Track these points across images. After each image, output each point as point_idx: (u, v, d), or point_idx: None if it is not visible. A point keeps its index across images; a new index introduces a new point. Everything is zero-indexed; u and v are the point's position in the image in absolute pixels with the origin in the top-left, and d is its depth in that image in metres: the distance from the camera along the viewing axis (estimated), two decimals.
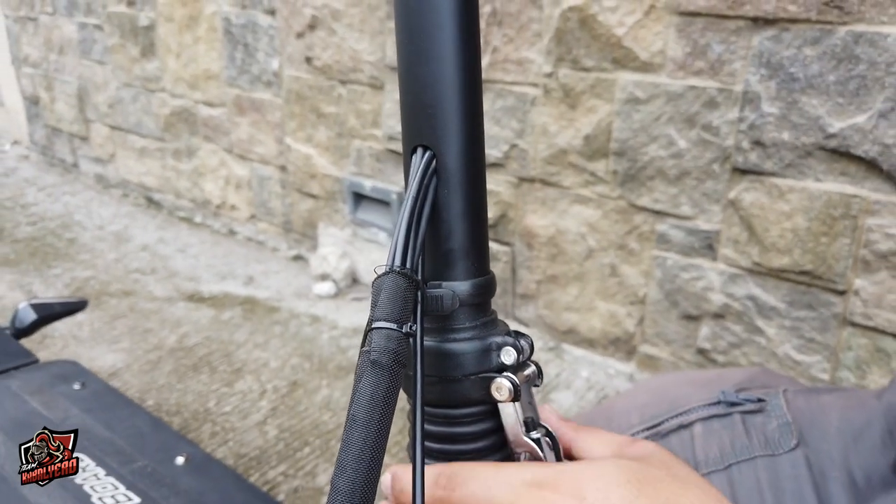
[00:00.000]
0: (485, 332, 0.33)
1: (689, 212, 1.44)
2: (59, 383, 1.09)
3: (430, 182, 0.31)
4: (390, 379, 0.26)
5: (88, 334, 1.88)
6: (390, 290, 0.28)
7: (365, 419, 0.25)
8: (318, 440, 1.47)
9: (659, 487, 0.28)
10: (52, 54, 2.98)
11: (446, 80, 0.32)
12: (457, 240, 0.33)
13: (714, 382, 0.55)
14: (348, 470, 0.25)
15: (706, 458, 0.49)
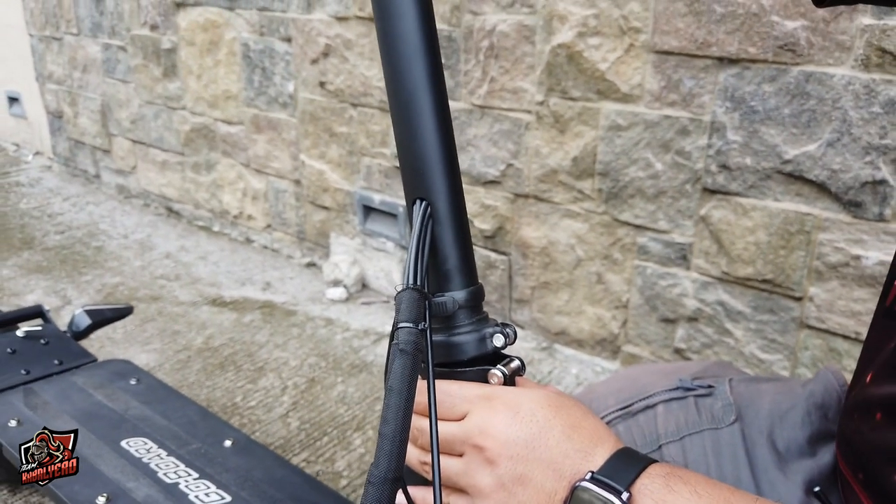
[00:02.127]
0: (480, 326, 0.46)
1: (665, 226, 1.61)
2: (117, 379, 1.26)
3: (428, 224, 0.45)
4: (413, 360, 0.39)
5: (122, 336, 2.05)
6: (407, 301, 0.41)
7: (398, 387, 0.39)
8: (335, 431, 1.64)
9: (571, 412, 0.44)
10: (76, 72, 3.16)
11: (430, 149, 0.45)
12: (451, 262, 0.46)
13: (675, 372, 0.67)
14: (391, 421, 0.38)
15: (666, 431, 0.61)
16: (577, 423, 0.43)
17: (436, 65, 0.46)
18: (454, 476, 0.45)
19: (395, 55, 0.45)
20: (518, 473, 0.42)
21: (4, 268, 2.52)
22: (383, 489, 0.39)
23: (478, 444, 0.43)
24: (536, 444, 0.42)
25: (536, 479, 0.42)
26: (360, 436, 1.62)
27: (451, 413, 0.45)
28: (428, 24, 0.46)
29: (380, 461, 0.39)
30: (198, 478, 0.98)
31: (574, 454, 0.42)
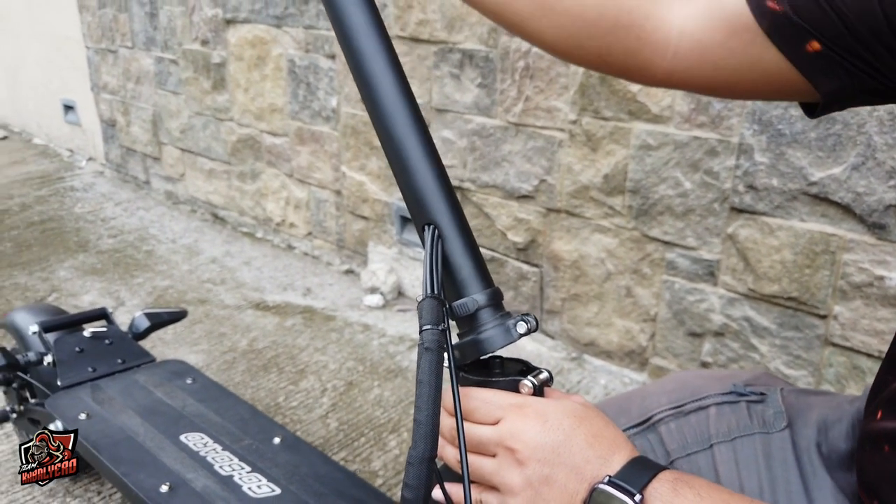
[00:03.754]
0: (503, 320, 0.52)
1: (693, 243, 1.66)
2: (174, 378, 1.36)
3: (438, 243, 0.52)
4: (437, 356, 0.47)
5: (172, 337, 2.17)
6: (427, 307, 0.49)
7: (427, 379, 0.46)
8: (371, 432, 1.72)
9: (593, 422, 0.50)
10: (129, 83, 3.32)
11: (427, 182, 0.53)
12: (465, 271, 0.53)
13: (727, 378, 0.70)
14: (423, 409, 0.46)
15: (717, 431, 0.64)
16: (598, 433, 0.49)
17: (414, 109, 0.55)
18: (487, 474, 0.51)
19: (381, 113, 0.54)
20: (544, 475, 0.48)
21: (62, 269, 2.67)
22: (422, 467, 0.47)
23: (510, 446, 0.49)
24: (562, 450, 0.48)
25: (560, 481, 0.47)
26: (395, 438, 1.70)
27: (486, 418, 0.51)
28: (400, 76, 0.55)
29: (417, 443, 0.47)
30: (250, 471, 1.07)
31: (594, 460, 0.48)
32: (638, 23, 0.58)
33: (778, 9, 0.53)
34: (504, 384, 0.53)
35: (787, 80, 0.55)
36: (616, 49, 0.60)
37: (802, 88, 0.55)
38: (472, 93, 1.98)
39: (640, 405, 0.69)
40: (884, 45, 0.50)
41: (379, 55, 0.55)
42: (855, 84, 0.53)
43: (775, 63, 0.54)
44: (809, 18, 0.52)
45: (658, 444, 0.66)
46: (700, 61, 0.57)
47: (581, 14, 0.59)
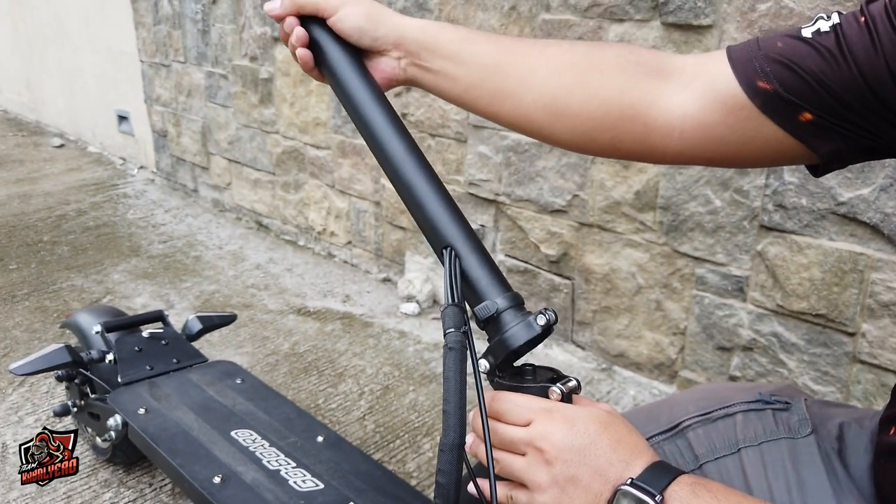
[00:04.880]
0: (524, 317, 0.57)
1: (723, 259, 1.70)
2: (225, 378, 1.46)
3: (456, 262, 0.60)
4: (460, 354, 0.54)
5: (218, 339, 2.28)
6: (449, 314, 0.56)
7: (452, 375, 0.53)
8: (407, 435, 1.80)
9: (617, 428, 0.54)
10: (181, 96, 3.48)
11: (438, 211, 0.61)
12: (483, 281, 0.59)
13: (753, 389, 0.73)
14: (451, 401, 0.53)
15: (744, 437, 0.67)
16: (621, 438, 0.53)
17: (415, 151, 0.65)
18: (517, 471, 0.55)
19: (387, 161, 0.64)
20: (570, 474, 0.52)
21: (115, 273, 2.81)
22: (453, 454, 0.53)
23: (539, 446, 0.53)
24: (587, 453, 0.52)
25: (585, 481, 0.52)
26: (429, 441, 1.77)
27: (517, 419, 0.56)
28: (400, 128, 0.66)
29: (447, 432, 0.54)
30: (296, 466, 1.15)
31: (618, 463, 0.52)
32: (642, 112, 0.63)
33: (768, 87, 0.57)
34: (535, 390, 0.58)
35: (786, 147, 0.59)
36: (626, 138, 0.65)
37: (803, 153, 0.60)
38: None
39: (669, 413, 0.73)
40: (872, 111, 0.55)
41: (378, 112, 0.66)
42: (850, 146, 0.57)
43: (773, 133, 0.59)
44: (798, 93, 0.56)
45: (687, 449, 0.69)
46: (705, 139, 0.62)
47: (588, 114, 0.65)
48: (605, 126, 0.65)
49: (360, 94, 0.67)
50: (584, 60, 0.66)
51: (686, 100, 0.62)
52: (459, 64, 0.68)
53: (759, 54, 0.58)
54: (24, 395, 1.96)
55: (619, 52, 0.67)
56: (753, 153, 0.61)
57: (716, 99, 0.60)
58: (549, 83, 0.66)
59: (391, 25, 0.69)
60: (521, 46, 0.69)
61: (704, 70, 0.62)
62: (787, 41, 0.58)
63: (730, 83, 0.59)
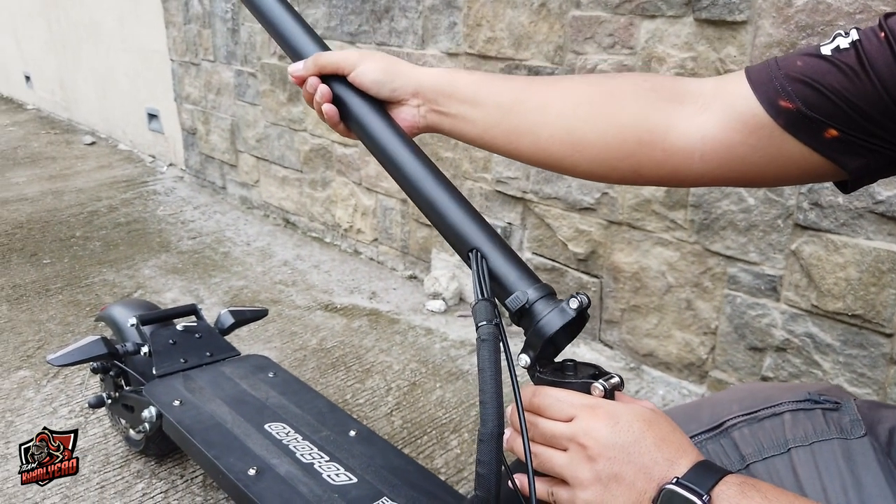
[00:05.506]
0: (556, 304, 0.58)
1: (756, 258, 1.68)
2: (258, 372, 1.47)
3: (483, 262, 0.62)
4: (494, 345, 0.55)
5: (247, 334, 2.31)
6: (480, 308, 0.57)
7: (487, 366, 0.54)
8: (434, 431, 1.80)
9: (661, 426, 0.53)
10: (210, 94, 3.52)
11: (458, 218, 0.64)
12: (511, 276, 0.61)
13: (799, 388, 0.72)
14: (487, 391, 0.54)
15: (794, 437, 0.65)
16: (666, 437, 0.53)
17: (428, 164, 0.68)
18: (558, 466, 0.55)
19: (405, 179, 0.68)
20: (614, 472, 0.52)
21: (146, 268, 2.86)
22: (492, 443, 0.54)
23: (582, 443, 0.53)
24: (631, 451, 0.52)
25: (629, 479, 0.51)
26: (456, 437, 1.78)
27: (560, 415, 0.56)
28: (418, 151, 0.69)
29: (486, 422, 0.54)
30: (329, 460, 1.16)
31: (662, 462, 0.51)
32: (661, 137, 0.64)
33: (791, 106, 0.57)
34: (577, 385, 0.58)
35: (813, 164, 0.59)
36: (646, 164, 0.65)
37: (830, 169, 0.59)
38: None
39: (711, 412, 0.72)
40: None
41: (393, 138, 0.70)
42: (879, 159, 0.57)
43: (799, 151, 0.59)
44: (822, 111, 0.56)
45: (732, 449, 0.68)
46: (727, 159, 0.62)
47: (606, 143, 0.66)
48: (624, 154, 0.65)
49: (384, 133, 0.70)
50: (599, 92, 0.68)
51: (705, 122, 0.62)
52: (476, 106, 0.70)
53: (778, 73, 0.58)
54: (59, 387, 2.00)
55: (636, 80, 0.68)
56: (779, 172, 0.61)
57: (736, 119, 0.60)
58: (564, 117, 0.67)
59: (408, 76, 0.71)
60: (535, 84, 0.71)
61: (723, 91, 0.62)
62: (806, 60, 0.57)
63: (750, 103, 0.59)
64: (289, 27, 0.77)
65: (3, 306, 2.50)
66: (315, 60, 0.72)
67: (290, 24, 0.77)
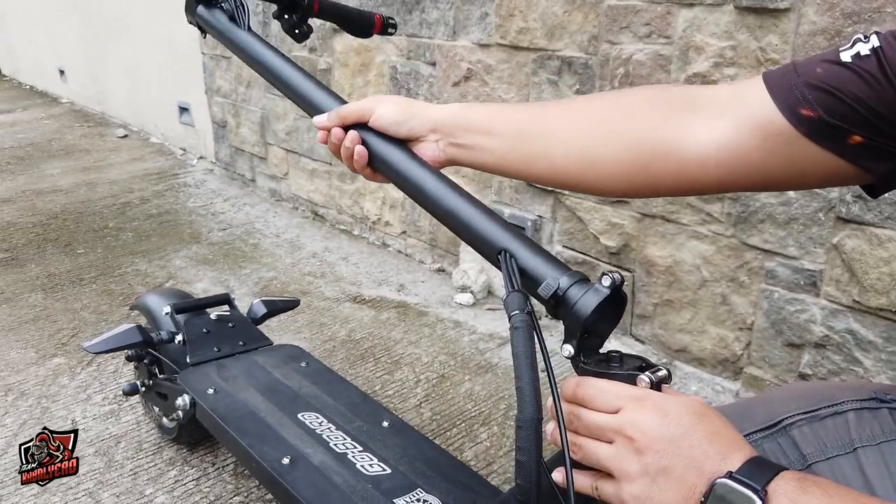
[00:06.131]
0: (589, 286, 0.58)
1: (795, 253, 1.64)
2: (290, 361, 1.48)
3: (512, 260, 0.62)
4: (527, 333, 0.54)
5: (276, 324, 2.32)
6: (513, 298, 0.57)
7: (522, 352, 0.54)
8: (463, 423, 1.80)
9: (712, 420, 0.52)
10: (240, 87, 3.55)
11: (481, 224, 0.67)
12: (541, 267, 0.61)
13: (862, 387, 0.70)
14: (524, 376, 0.53)
15: (860, 437, 0.64)
16: (717, 431, 0.51)
17: (448, 181, 0.71)
18: (604, 459, 0.54)
19: (425, 198, 0.71)
20: (662, 465, 0.50)
21: (177, 258, 2.89)
22: (531, 428, 0.53)
23: (629, 435, 0.52)
24: (681, 444, 0.50)
25: (678, 473, 0.49)
26: (486, 430, 1.77)
27: (605, 406, 0.54)
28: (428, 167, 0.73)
29: (524, 407, 0.53)
30: (362, 450, 1.16)
31: (714, 456, 0.49)
32: (674, 147, 0.64)
33: (812, 114, 0.57)
34: (622, 377, 0.57)
35: (837, 169, 0.58)
36: (662, 175, 0.66)
37: (855, 174, 0.58)
38: None
39: (766, 410, 0.70)
40: None
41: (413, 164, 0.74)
42: None
43: (822, 157, 0.58)
44: (844, 118, 0.55)
45: (791, 448, 0.66)
46: (744, 166, 0.61)
47: (620, 159, 0.67)
48: (639, 167, 0.66)
49: (405, 162, 0.74)
50: (609, 109, 0.69)
51: (719, 129, 0.61)
52: (492, 136, 0.72)
53: (798, 81, 0.58)
54: (93, 374, 2.03)
55: (648, 94, 0.69)
56: (800, 177, 0.61)
57: (754, 126, 0.60)
58: (577, 137, 0.69)
59: (424, 113, 0.75)
60: (547, 109, 0.74)
61: (739, 98, 0.61)
62: (826, 67, 0.57)
63: (769, 110, 0.59)
64: (306, 87, 0.83)
65: (39, 294, 2.54)
66: (338, 112, 0.77)
67: (307, 84, 0.83)
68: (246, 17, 0.98)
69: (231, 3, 0.99)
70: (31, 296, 2.53)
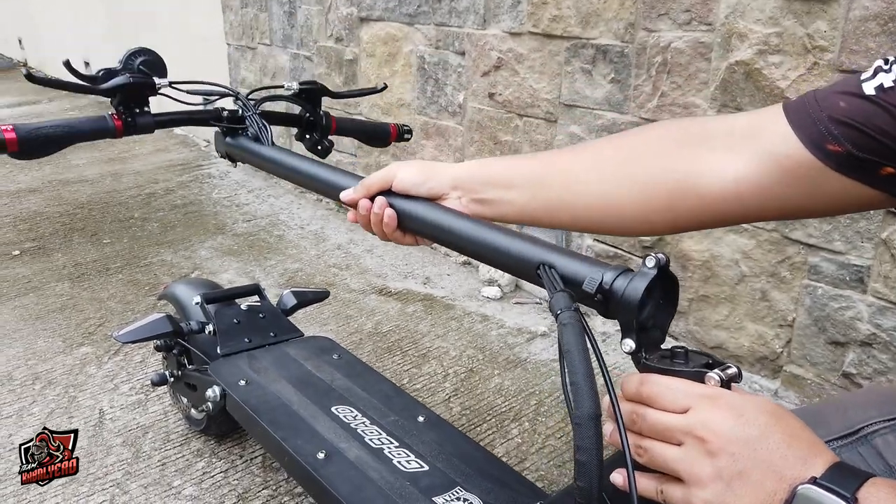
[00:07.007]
0: (634, 274, 0.57)
1: (841, 247, 1.58)
2: (322, 353, 1.45)
3: (552, 268, 0.62)
4: (576, 327, 0.52)
5: (302, 316, 2.30)
6: (559, 297, 0.55)
7: (574, 347, 0.52)
8: (493, 419, 1.76)
9: (790, 422, 0.48)
10: (265, 78, 3.53)
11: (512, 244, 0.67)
12: (582, 268, 0.60)
13: None
14: (577, 371, 0.50)
15: None
16: (796, 433, 0.48)
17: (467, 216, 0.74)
18: (672, 462, 0.50)
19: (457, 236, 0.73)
20: (738, 469, 0.47)
21: (203, 249, 2.89)
22: (589, 425, 0.49)
23: (700, 436, 0.48)
24: (757, 446, 0.47)
25: (755, 478, 0.46)
26: (516, 426, 1.73)
27: (672, 405, 0.51)
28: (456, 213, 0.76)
29: (581, 403, 0.49)
30: (398, 446, 1.13)
31: (794, 460, 0.46)
32: (693, 185, 0.64)
33: (840, 150, 0.56)
34: (688, 374, 0.53)
35: (868, 197, 0.58)
36: (684, 213, 0.66)
37: (885, 200, 0.58)
38: (604, 88, 1.97)
39: (842, 417, 0.66)
40: None
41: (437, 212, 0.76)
42: None
43: (851, 187, 0.57)
44: (874, 152, 0.55)
45: (874, 458, 0.63)
46: (767, 197, 0.61)
47: (639, 202, 0.67)
48: (660, 207, 0.67)
49: (431, 212, 0.76)
50: (623, 152, 0.70)
51: (738, 163, 0.61)
52: (510, 188, 0.74)
53: (821, 116, 0.57)
54: (120, 364, 2.03)
55: (659, 132, 0.70)
56: (828, 206, 0.61)
57: (775, 161, 0.59)
58: (594, 184, 0.70)
59: (443, 172, 0.77)
60: (560, 157, 0.76)
61: (758, 130, 0.61)
62: (849, 101, 0.56)
63: (790, 144, 0.58)
64: (330, 174, 0.89)
65: (66, 284, 2.55)
66: (362, 183, 0.81)
67: (330, 172, 0.89)
68: (269, 135, 1.08)
69: (254, 126, 1.09)
70: (57, 285, 2.54)
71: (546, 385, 1.90)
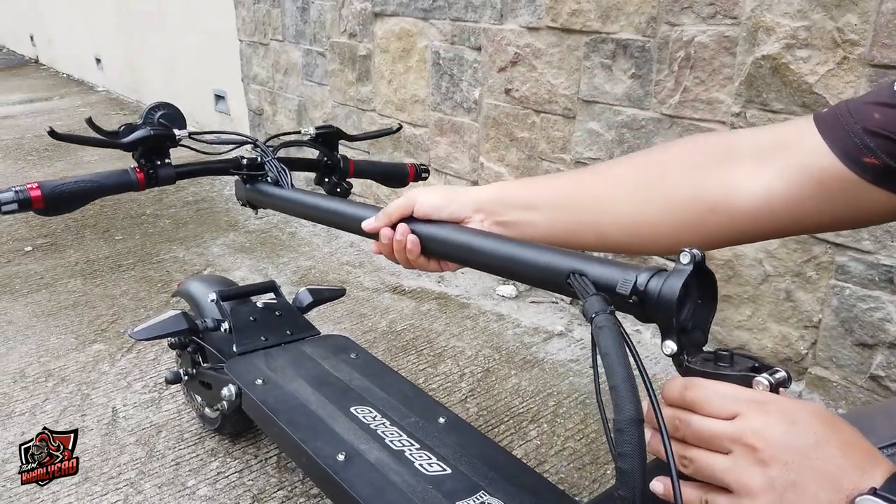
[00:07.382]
0: (668, 272, 0.55)
1: (870, 247, 1.54)
2: (339, 352, 1.42)
3: (582, 276, 0.60)
4: (612, 331, 0.50)
5: (316, 314, 2.28)
6: (594, 300, 0.53)
7: (612, 350, 0.49)
8: (511, 420, 1.73)
9: (845, 430, 0.46)
10: (277, 75, 3.51)
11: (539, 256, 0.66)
12: (613, 272, 0.58)
13: None
14: (617, 374, 0.48)
15: None
16: (851, 442, 0.46)
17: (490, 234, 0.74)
18: (719, 471, 0.47)
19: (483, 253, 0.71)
20: (791, 480, 0.44)
21: (215, 246, 2.87)
22: (632, 430, 0.47)
23: (751, 444, 0.46)
24: (812, 455, 0.44)
25: (810, 489, 0.44)
26: (535, 428, 1.70)
27: (719, 411, 0.48)
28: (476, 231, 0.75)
29: (622, 407, 0.47)
30: (419, 448, 1.10)
31: (851, 470, 0.44)
32: (722, 202, 0.63)
33: (876, 162, 0.55)
34: (735, 378, 0.51)
35: None
36: (714, 231, 0.65)
37: None
38: (624, 84, 1.94)
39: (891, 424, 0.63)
40: None
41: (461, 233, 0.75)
42: None
43: (885, 197, 0.56)
44: None
45: None
46: (799, 211, 0.60)
47: (667, 222, 0.66)
48: (689, 226, 0.65)
49: (454, 234, 0.75)
50: (647, 171, 0.69)
51: (768, 178, 0.60)
52: (533, 210, 0.73)
53: (856, 128, 0.56)
54: (133, 362, 2.01)
55: (682, 150, 0.68)
56: (862, 217, 0.60)
57: (808, 174, 0.58)
58: (619, 205, 0.69)
59: (464, 195, 0.76)
60: (582, 177, 0.75)
61: (789, 143, 0.60)
62: (884, 112, 0.55)
63: (823, 156, 0.57)
64: (344, 207, 0.90)
65: (78, 280, 2.54)
66: (383, 211, 0.79)
67: (344, 205, 0.91)
68: (288, 178, 1.10)
69: (274, 171, 1.12)
70: (70, 281, 2.53)
71: (564, 386, 1.87)
